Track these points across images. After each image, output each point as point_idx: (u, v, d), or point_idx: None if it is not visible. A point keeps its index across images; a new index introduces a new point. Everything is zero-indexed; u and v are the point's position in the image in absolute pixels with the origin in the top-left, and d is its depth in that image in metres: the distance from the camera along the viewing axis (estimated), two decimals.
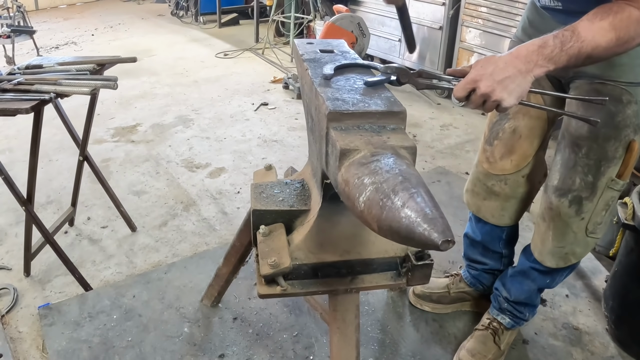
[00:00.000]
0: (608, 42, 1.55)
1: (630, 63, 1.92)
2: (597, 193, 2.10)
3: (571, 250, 2.25)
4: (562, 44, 1.56)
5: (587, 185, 2.09)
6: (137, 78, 6.54)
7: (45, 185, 3.99)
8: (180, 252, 3.30)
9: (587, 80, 2.03)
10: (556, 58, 1.56)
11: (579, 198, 2.11)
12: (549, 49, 1.57)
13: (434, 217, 1.02)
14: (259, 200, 1.79)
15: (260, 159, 4.52)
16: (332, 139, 1.36)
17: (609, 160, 2.05)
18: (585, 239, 2.21)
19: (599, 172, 2.07)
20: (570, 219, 2.15)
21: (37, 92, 2.46)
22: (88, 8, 11.91)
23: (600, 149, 2.03)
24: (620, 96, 1.96)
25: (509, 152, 2.31)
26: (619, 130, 2.00)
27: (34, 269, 3.11)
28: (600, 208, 2.14)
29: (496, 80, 1.54)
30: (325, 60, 1.82)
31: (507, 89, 1.55)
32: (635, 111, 1.99)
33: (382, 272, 1.74)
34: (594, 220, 2.17)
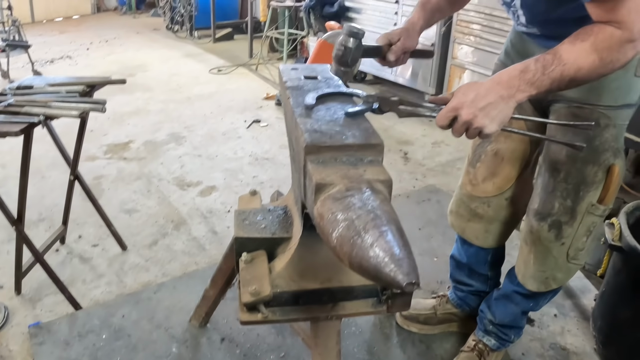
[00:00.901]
0: (591, 64, 1.54)
1: (607, 86, 1.90)
2: (577, 218, 2.07)
3: (552, 275, 2.23)
4: (544, 68, 1.55)
5: (566, 209, 2.07)
6: (131, 94, 6.55)
7: (38, 202, 3.99)
8: (170, 272, 3.31)
9: (565, 104, 2.01)
10: (538, 82, 1.55)
11: (558, 223, 2.09)
12: (531, 73, 1.55)
13: (401, 257, 1.03)
14: (241, 227, 1.81)
15: (251, 178, 4.53)
16: (309, 172, 1.37)
17: (588, 184, 2.02)
18: (567, 265, 2.19)
19: (578, 196, 2.04)
20: (551, 244, 2.13)
21: (26, 114, 2.47)
22: (84, 21, 11.96)
23: (578, 173, 2.02)
24: (598, 120, 1.94)
25: (491, 174, 2.30)
26: (598, 154, 1.98)
27: (25, 287, 3.11)
28: (581, 234, 2.11)
29: (478, 108, 1.53)
30: (308, 87, 1.84)
31: (489, 115, 1.53)
32: (614, 135, 1.97)
33: (363, 299, 1.75)
34: (575, 245, 2.14)
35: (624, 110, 1.96)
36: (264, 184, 4.42)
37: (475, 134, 1.57)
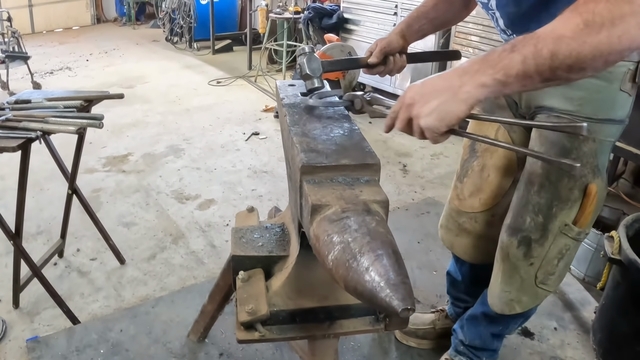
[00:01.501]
0: (574, 28, 1.19)
1: (588, 97, 1.76)
2: (549, 237, 1.95)
3: (517, 298, 2.10)
4: (513, 46, 1.26)
5: (537, 226, 1.95)
6: (130, 106, 6.55)
7: (36, 215, 4.00)
8: (168, 286, 3.30)
9: (546, 114, 1.87)
10: (505, 62, 1.25)
11: (528, 239, 1.97)
12: (496, 54, 1.28)
13: (397, 282, 1.03)
14: (238, 245, 1.81)
15: (250, 191, 4.54)
16: (305, 192, 1.37)
17: (562, 201, 1.89)
18: (534, 289, 2.06)
19: (550, 213, 1.91)
20: (518, 262, 2.02)
21: (24, 129, 2.47)
22: (84, 32, 11.97)
23: (552, 187, 1.89)
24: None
25: (477, 190, 2.23)
26: (575, 172, 1.84)
27: (23, 300, 3.11)
28: (552, 256, 1.98)
29: (419, 93, 1.35)
30: (305, 105, 1.84)
31: (427, 105, 1.33)
32: (593, 150, 1.83)
33: (360, 318, 1.75)
34: (544, 268, 2.01)
35: (605, 125, 1.81)
36: (263, 197, 4.43)
37: (414, 127, 1.39)
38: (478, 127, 2.14)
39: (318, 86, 1.89)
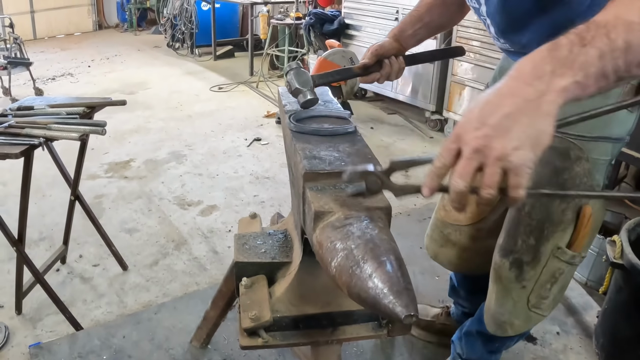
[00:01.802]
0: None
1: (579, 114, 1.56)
2: (541, 260, 1.86)
3: (509, 320, 2.02)
4: (581, 39, 0.99)
5: (529, 248, 1.85)
6: (131, 112, 6.56)
7: (38, 221, 4.01)
8: (171, 292, 3.30)
9: None
10: (582, 60, 0.97)
11: (520, 262, 1.88)
12: (565, 48, 0.99)
13: (400, 289, 1.03)
14: (241, 251, 1.81)
15: (252, 197, 4.54)
16: (307, 199, 1.38)
17: (555, 224, 1.80)
18: (527, 312, 1.97)
19: (542, 235, 1.82)
20: (511, 284, 1.93)
21: (27, 136, 2.48)
22: (85, 38, 12.00)
23: (543, 208, 1.80)
24: (567, 150, 1.71)
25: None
26: (565, 189, 1.75)
27: (26, 306, 3.11)
28: (544, 279, 1.89)
29: (489, 125, 0.97)
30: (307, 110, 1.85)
31: (509, 135, 0.96)
32: (587, 170, 1.72)
33: (363, 323, 1.75)
34: (537, 292, 1.92)
35: (600, 144, 1.70)
36: (265, 203, 4.43)
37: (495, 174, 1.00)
38: None
39: (311, 98, 1.82)
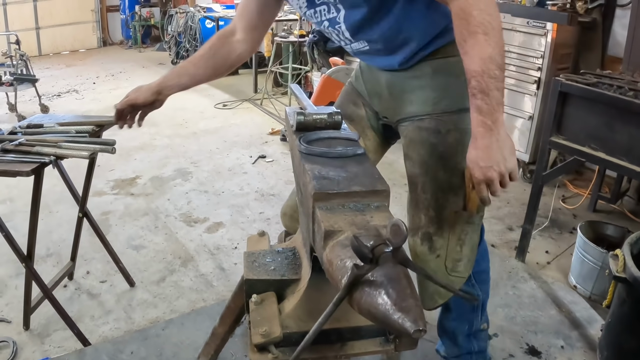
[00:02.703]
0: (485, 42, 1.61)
1: (441, 95, 2.02)
2: (445, 227, 2.06)
3: (435, 290, 2.15)
4: (484, 93, 1.62)
5: (431, 220, 2.06)
6: (137, 129, 6.50)
7: (45, 237, 4.03)
8: (178, 308, 3.33)
9: (410, 121, 2.10)
10: (494, 102, 1.62)
11: (428, 234, 2.08)
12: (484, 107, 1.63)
13: (408, 305, 1.07)
14: (251, 269, 1.85)
15: (257, 214, 4.58)
16: (317, 219, 1.42)
17: (445, 191, 2.04)
18: (448, 278, 2.12)
19: (438, 205, 2.05)
20: (426, 257, 2.10)
21: (37, 154, 2.51)
22: (90, 55, 12.06)
23: (433, 182, 2.04)
24: (437, 128, 2.02)
25: None
26: (445, 159, 2.02)
27: (34, 322, 3.14)
28: (453, 244, 2.09)
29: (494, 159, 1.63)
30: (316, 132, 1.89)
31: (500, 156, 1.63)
32: (459, 139, 2.01)
33: (371, 339, 1.78)
34: (451, 257, 2.10)
35: (463, 114, 1.94)
36: (271, 220, 4.46)
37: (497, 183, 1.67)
38: None
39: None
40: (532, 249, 4.01)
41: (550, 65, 4.90)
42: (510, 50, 5.17)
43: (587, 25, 5.07)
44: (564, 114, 3.45)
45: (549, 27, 4.82)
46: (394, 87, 2.13)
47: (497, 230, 4.40)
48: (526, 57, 5.06)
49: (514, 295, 3.51)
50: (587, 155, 3.34)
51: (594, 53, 5.16)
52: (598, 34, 5.12)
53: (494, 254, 4.01)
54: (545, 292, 3.55)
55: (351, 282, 1.16)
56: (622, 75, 3.52)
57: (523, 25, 5.03)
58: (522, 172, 5.42)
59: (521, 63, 5.11)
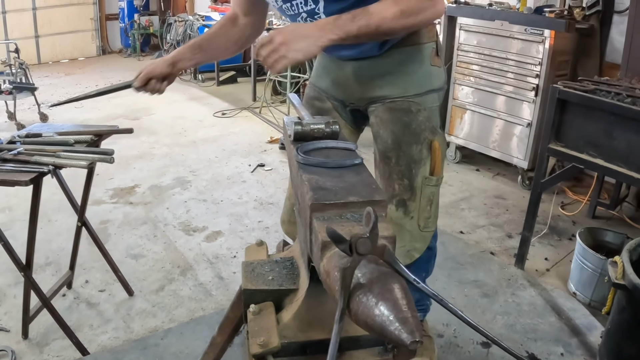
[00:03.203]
0: (393, 14, 1.86)
1: (409, 79, 2.26)
2: (417, 192, 2.32)
3: (412, 247, 2.41)
4: (353, 17, 1.85)
5: (405, 188, 2.31)
6: (136, 138, 6.61)
7: (45, 246, 4.04)
8: (177, 318, 3.33)
9: (380, 103, 2.31)
10: (347, 27, 1.84)
11: (403, 201, 2.32)
12: (342, 20, 1.84)
13: (405, 316, 1.07)
14: (249, 279, 1.84)
15: (256, 222, 4.58)
16: (314, 229, 1.41)
17: (417, 162, 2.29)
18: (421, 234, 2.41)
19: (411, 174, 2.29)
20: (402, 220, 2.34)
21: (36, 163, 2.53)
22: (89, 63, 12.06)
23: (406, 155, 2.28)
24: (409, 108, 2.26)
25: None
26: (417, 135, 2.27)
27: (32, 331, 3.14)
28: (424, 205, 2.35)
29: (293, 35, 1.81)
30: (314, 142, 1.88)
31: (297, 44, 1.80)
32: (427, 116, 2.29)
33: (369, 348, 1.77)
34: (422, 216, 2.37)
35: (429, 95, 2.30)
36: (269, 229, 4.47)
37: (278, 58, 1.81)
38: None
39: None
40: (531, 256, 4.01)
41: (548, 72, 4.91)
42: (508, 58, 5.20)
43: (585, 32, 5.08)
44: (562, 121, 3.45)
45: (547, 34, 4.84)
46: (362, 74, 2.32)
47: (496, 237, 4.41)
48: (524, 65, 5.08)
49: (513, 302, 3.51)
50: (585, 162, 3.35)
51: (592, 60, 5.17)
52: (596, 41, 5.13)
53: (493, 261, 4.02)
54: (545, 300, 3.55)
55: (343, 280, 1.16)
56: (620, 81, 3.53)
57: (521, 32, 5.05)
58: (521, 179, 5.44)
59: (519, 70, 5.13)
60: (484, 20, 5.34)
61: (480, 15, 5.46)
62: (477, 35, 5.46)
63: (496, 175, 5.77)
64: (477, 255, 4.11)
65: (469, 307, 3.43)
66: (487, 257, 4.09)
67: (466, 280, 3.76)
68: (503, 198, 5.20)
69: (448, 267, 3.88)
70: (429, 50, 2.28)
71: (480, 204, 5.05)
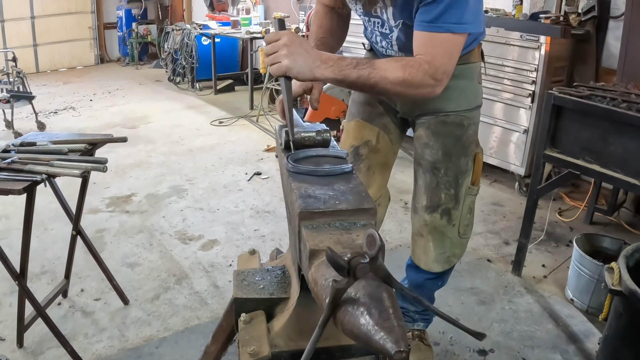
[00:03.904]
0: (396, 78, 1.91)
1: (461, 95, 2.39)
2: (460, 201, 2.49)
3: (452, 253, 2.61)
4: (358, 64, 1.88)
5: (451, 197, 2.47)
6: (133, 146, 6.61)
7: (40, 255, 4.04)
8: (172, 326, 3.32)
9: (432, 116, 2.45)
10: (347, 72, 1.87)
11: (447, 209, 2.48)
12: (346, 62, 1.87)
13: (391, 325, 1.05)
14: (240, 287, 1.84)
15: (252, 231, 4.57)
16: (303, 237, 1.41)
17: (464, 173, 2.46)
18: (460, 241, 2.60)
19: (457, 184, 2.46)
20: (445, 228, 2.51)
21: (29, 172, 2.53)
22: (87, 72, 12.08)
23: (455, 166, 2.44)
24: (462, 122, 2.42)
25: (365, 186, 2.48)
26: (466, 147, 2.45)
27: (27, 340, 3.12)
28: (465, 213, 2.54)
29: (296, 47, 1.80)
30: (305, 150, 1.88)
31: (297, 60, 1.80)
32: (474, 130, 2.49)
33: (360, 357, 1.77)
34: (462, 223, 2.55)
35: (477, 111, 2.50)
36: (266, 238, 4.45)
37: (275, 62, 1.81)
38: (360, 132, 2.64)
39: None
40: (528, 262, 4.00)
41: (545, 78, 4.91)
42: (504, 64, 5.19)
43: (581, 38, 5.08)
44: (558, 127, 3.45)
45: (543, 40, 4.84)
46: None
47: (493, 244, 4.39)
48: (520, 71, 5.08)
49: (510, 310, 3.49)
50: (581, 168, 3.34)
51: (588, 65, 5.17)
52: (592, 46, 5.13)
53: (490, 268, 4.01)
54: (542, 307, 3.54)
55: (333, 299, 1.14)
56: (616, 87, 3.53)
57: (517, 39, 5.05)
58: (518, 185, 5.43)
59: (515, 77, 5.13)
60: None
61: None
62: None
63: (493, 182, 5.76)
64: (473, 262, 4.09)
65: (465, 315, 3.41)
66: (484, 264, 4.08)
67: (463, 287, 3.74)
68: (500, 205, 5.19)
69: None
70: (477, 69, 2.45)
71: (477, 211, 5.02)
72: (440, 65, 1.97)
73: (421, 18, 2.00)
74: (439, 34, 1.97)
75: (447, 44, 1.99)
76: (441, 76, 1.98)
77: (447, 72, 2.01)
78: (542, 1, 5.43)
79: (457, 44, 2.02)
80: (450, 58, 2.02)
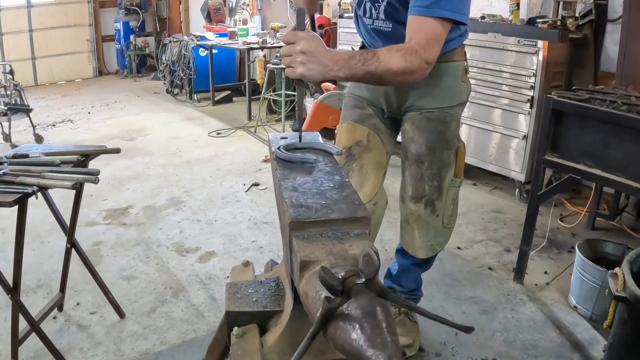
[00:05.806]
0: (398, 68, 2.01)
1: (446, 94, 2.59)
2: (444, 193, 2.66)
3: (436, 242, 2.78)
4: (365, 61, 1.98)
5: (434, 189, 2.64)
6: (131, 158, 6.58)
7: (36, 269, 4.00)
8: (169, 340, 3.27)
9: (417, 112, 2.63)
10: (356, 70, 1.97)
11: (431, 200, 2.65)
12: (354, 61, 1.96)
13: (383, 341, 1.00)
14: (232, 300, 1.79)
15: (250, 242, 4.53)
16: (294, 248, 1.36)
17: (446, 166, 2.63)
18: (444, 230, 2.77)
19: (440, 177, 2.63)
20: (429, 218, 2.68)
21: (21, 184, 2.50)
22: (86, 85, 12.06)
23: (438, 160, 2.61)
24: (444, 118, 2.60)
25: (360, 186, 2.66)
26: (448, 142, 2.62)
27: (22, 354, 3.07)
28: (448, 204, 2.71)
29: (311, 50, 1.85)
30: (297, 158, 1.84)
31: (309, 64, 1.86)
32: (456, 126, 2.68)
33: None
34: (446, 214, 2.72)
35: (459, 107, 2.68)
36: (263, 249, 4.41)
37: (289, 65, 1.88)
38: (351, 134, 2.76)
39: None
40: (530, 270, 3.95)
41: (543, 83, 4.88)
42: (502, 70, 5.17)
43: (579, 42, 5.06)
44: (557, 132, 3.41)
45: (540, 45, 4.81)
46: (403, 85, 2.56)
47: (494, 252, 4.35)
48: (518, 76, 5.05)
49: (512, 318, 3.45)
50: (582, 173, 3.30)
51: (587, 69, 5.14)
52: (590, 50, 5.10)
53: (492, 276, 3.96)
54: (545, 315, 3.50)
55: (324, 316, 1.09)
56: (615, 90, 3.50)
57: (514, 44, 5.02)
58: (519, 192, 5.39)
59: (514, 82, 5.10)
60: (477, 33, 5.29)
61: (473, 28, 5.38)
62: (471, 48, 5.41)
63: (493, 189, 5.72)
64: (474, 271, 4.05)
65: (467, 325, 3.36)
66: (485, 272, 4.03)
67: (464, 297, 3.69)
68: (501, 212, 5.15)
69: (445, 284, 3.82)
70: (461, 68, 2.62)
71: (477, 218, 5.00)
72: (432, 49, 2.11)
73: (417, 3, 2.14)
74: (433, 19, 2.11)
75: (440, 30, 2.14)
76: (433, 60, 2.12)
77: (437, 56, 2.14)
78: (539, 6, 5.41)
79: (446, 31, 2.18)
80: (440, 43, 2.17)
